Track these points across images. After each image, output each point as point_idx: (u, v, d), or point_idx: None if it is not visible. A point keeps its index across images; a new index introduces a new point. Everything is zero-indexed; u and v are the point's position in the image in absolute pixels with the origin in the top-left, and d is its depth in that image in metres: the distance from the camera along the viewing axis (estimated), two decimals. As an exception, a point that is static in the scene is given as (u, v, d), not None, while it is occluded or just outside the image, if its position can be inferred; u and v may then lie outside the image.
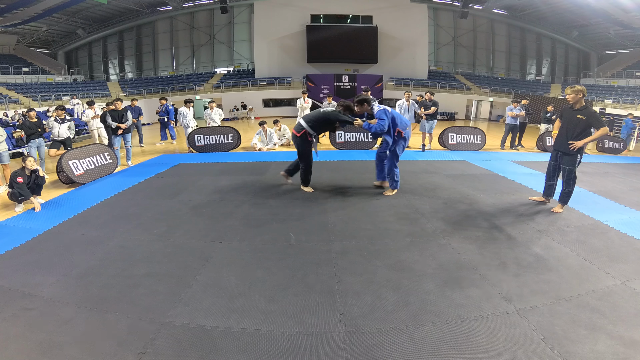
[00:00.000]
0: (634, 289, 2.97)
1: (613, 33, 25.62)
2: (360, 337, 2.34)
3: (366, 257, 3.43)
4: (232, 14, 25.45)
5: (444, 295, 2.82)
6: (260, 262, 3.32)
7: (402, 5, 24.12)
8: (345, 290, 2.87)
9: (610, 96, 22.31)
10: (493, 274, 3.16)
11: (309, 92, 21.66)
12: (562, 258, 3.51)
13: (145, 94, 21.90)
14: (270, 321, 2.49)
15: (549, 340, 2.33)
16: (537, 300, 2.78)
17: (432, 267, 3.27)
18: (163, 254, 3.47)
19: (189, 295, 2.78)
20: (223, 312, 2.58)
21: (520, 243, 3.83)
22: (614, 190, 6.27)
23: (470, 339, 2.34)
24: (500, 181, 6.42)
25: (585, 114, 4.54)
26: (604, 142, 12.14)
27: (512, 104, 10.30)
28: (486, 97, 24.71)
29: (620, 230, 4.27)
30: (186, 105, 9.80)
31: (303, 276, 3.07)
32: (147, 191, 5.65)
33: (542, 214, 4.75)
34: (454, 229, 4.14)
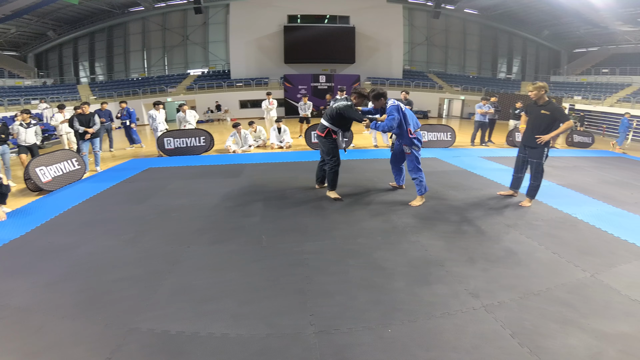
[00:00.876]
0: (603, 281, 3.02)
1: (583, 32, 26.57)
2: (330, 338, 2.31)
3: (339, 256, 3.40)
4: (206, 15, 25.05)
5: (413, 293, 2.82)
6: (232, 265, 3.25)
7: (379, 5, 24.33)
8: (316, 291, 2.83)
9: (580, 92, 23.12)
10: (460, 270, 3.17)
11: (286, 92, 21.86)
12: (531, 252, 3.54)
13: (116, 97, 21.23)
14: (240, 324, 2.44)
15: (518, 336, 2.33)
16: (505, 295, 2.78)
17: (402, 264, 3.26)
18: (132, 259, 3.40)
19: (155, 301, 2.72)
20: (190, 316, 2.53)
21: (488, 238, 3.86)
22: (583, 183, 6.44)
23: (438, 336, 2.33)
24: (470, 177, 6.53)
25: (549, 109, 4.71)
26: (573, 137, 12.54)
27: (481, 101, 10.51)
28: (458, 95, 25.28)
29: (589, 223, 4.37)
30: (155, 107, 9.49)
31: (275, 278, 3.02)
32: (116, 197, 5.50)
33: (510, 209, 4.83)
34: (423, 226, 4.16)
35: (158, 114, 9.35)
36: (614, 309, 2.65)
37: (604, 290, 2.88)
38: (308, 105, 11.73)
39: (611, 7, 20.11)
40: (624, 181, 6.87)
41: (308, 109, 11.73)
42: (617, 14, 21.07)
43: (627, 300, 2.75)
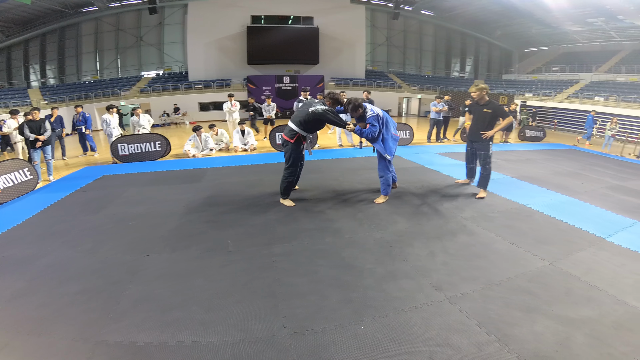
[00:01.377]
0: (562, 269, 3.15)
1: (534, 32, 28.16)
2: (304, 339, 2.29)
3: (308, 257, 3.37)
4: (162, 15, 24.17)
5: (382, 289, 2.85)
6: (197, 271, 3.14)
7: (342, 6, 24.54)
8: (287, 292, 2.79)
9: (531, 90, 24.47)
10: (423, 264, 3.24)
11: (249, 94, 21.54)
12: (489, 244, 3.66)
13: (67, 101, 20.04)
14: (211, 331, 2.36)
15: (484, 325, 2.39)
16: (467, 286, 2.85)
17: (370, 262, 3.29)
18: (92, 270, 3.24)
19: (119, 312, 2.62)
20: (157, 326, 2.43)
21: (448, 232, 3.96)
22: (536, 175, 6.78)
23: (408, 330, 2.37)
24: (428, 173, 6.72)
25: (491, 107, 5.19)
26: (525, 132, 13.22)
27: (435, 99, 10.89)
28: (415, 94, 26.08)
29: (544, 213, 4.58)
30: (108, 111, 8.97)
31: (245, 282, 2.95)
32: (72, 207, 5.19)
33: (467, 202, 4.99)
34: (387, 223, 4.22)
35: (112, 118, 8.85)
36: (576, 295, 2.76)
37: (564, 278, 3.01)
38: (272, 107, 11.54)
39: (562, 8, 21.42)
40: (575, 172, 7.31)
41: (272, 110, 11.54)
42: (568, 14, 22.50)
43: (587, 286, 2.88)
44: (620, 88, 20.23)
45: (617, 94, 19.40)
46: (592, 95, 20.68)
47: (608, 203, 5.20)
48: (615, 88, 20.50)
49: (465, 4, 25.33)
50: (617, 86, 20.73)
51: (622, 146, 12.08)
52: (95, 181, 6.61)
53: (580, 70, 24.38)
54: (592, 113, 13.51)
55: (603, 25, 23.54)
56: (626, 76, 21.40)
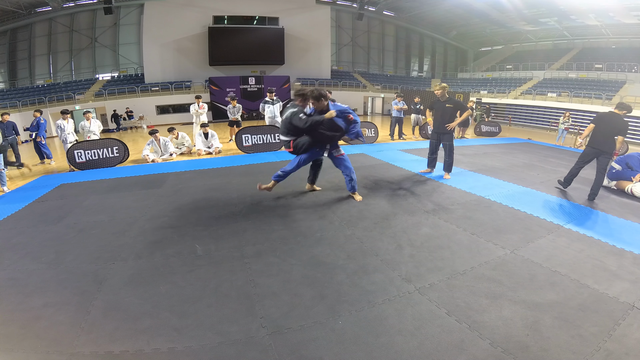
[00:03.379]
0: (524, 256, 3.31)
1: (489, 32, 29.44)
2: (284, 338, 2.30)
3: (280, 257, 3.37)
4: (117, 15, 23.17)
5: (355, 283, 2.90)
6: (164, 277, 3.05)
7: (308, 6, 24.58)
8: (262, 293, 2.78)
9: (486, 87, 25.58)
10: (392, 257, 3.33)
11: (213, 95, 21.10)
12: (450, 235, 3.79)
13: (20, 106, 18.82)
14: (186, 336, 2.32)
15: (453, 314, 2.49)
16: (434, 277, 2.96)
17: (341, 258, 3.33)
18: (56, 281, 3.09)
19: (89, 322, 2.52)
20: (129, 334, 2.36)
21: (412, 225, 4.09)
22: (493, 167, 7.10)
23: (383, 322, 2.43)
24: (392, 169, 6.90)
25: (452, 103, 6.06)
26: (481, 127, 13.83)
27: (397, 98, 11.22)
28: (378, 93, 26.68)
29: (502, 203, 4.80)
30: (63, 116, 8.51)
31: (216, 286, 2.90)
32: (30, 218, 4.90)
33: (429, 196, 5.17)
34: (357, 219, 4.29)
35: (66, 124, 8.40)
36: (539, 280, 2.90)
37: (526, 265, 3.15)
38: (237, 109, 11.21)
39: (517, 8, 22.49)
40: (530, 163, 7.73)
41: (237, 112, 11.24)
42: (522, 14, 23.66)
43: (549, 272, 3.04)
44: (572, 84, 21.59)
45: (569, 90, 20.64)
46: (545, 91, 21.93)
47: (563, 192, 5.54)
48: (567, 84, 21.83)
49: (424, 5, 26.12)
50: (569, 83, 22.10)
51: (575, 138, 12.90)
52: (52, 190, 6.27)
53: (533, 68, 25.75)
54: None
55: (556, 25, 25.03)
56: (577, 73, 22.87)
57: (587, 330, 2.31)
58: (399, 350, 2.18)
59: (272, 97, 9.87)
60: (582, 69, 22.98)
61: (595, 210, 4.70)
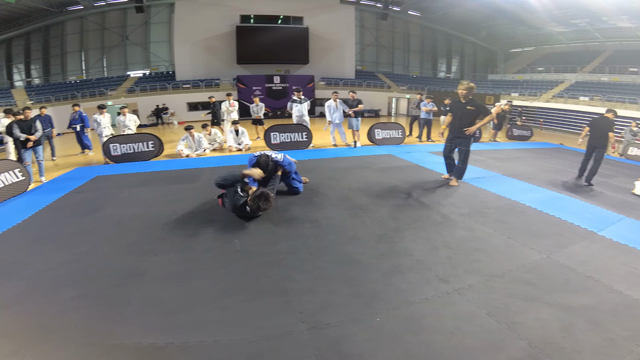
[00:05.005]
0: (558, 261, 3.30)
1: (519, 33, 28.72)
2: (323, 333, 2.32)
3: (314, 254, 3.40)
4: (148, 14, 23.90)
5: (390, 282, 2.91)
6: (204, 271, 3.12)
7: (332, 6, 24.69)
8: (298, 289, 2.82)
9: (517, 90, 24.94)
10: (427, 258, 3.33)
11: (240, 93, 21.43)
12: (486, 238, 3.78)
13: (54, 101, 19.66)
14: (227, 330, 2.36)
15: (493, 314, 2.49)
16: (472, 279, 2.96)
17: (375, 257, 3.35)
18: (93, 273, 3.14)
19: (131, 314, 2.55)
20: (173, 326, 2.40)
21: (446, 227, 4.08)
22: (526, 172, 6.96)
23: (421, 321, 2.44)
24: (423, 171, 6.84)
25: (474, 105, 5.53)
26: (513, 131, 13.52)
27: (425, 99, 11.04)
28: (403, 94, 26.35)
29: (537, 208, 4.73)
30: (99, 111, 8.86)
31: (254, 280, 2.95)
32: (66, 209, 5.04)
33: (463, 199, 5.10)
34: (389, 220, 4.29)
35: (103, 118, 8.74)
36: (573, 284, 2.91)
37: (561, 269, 3.15)
38: (260, 107, 11.35)
39: (547, 9, 21.89)
40: (561, 169, 7.54)
41: (260, 110, 11.38)
42: (552, 15, 23.01)
43: (583, 277, 3.03)
44: (604, 88, 20.79)
45: (602, 94, 19.91)
46: (577, 95, 21.22)
47: (595, 199, 5.42)
48: (599, 88, 21.04)
49: (451, 5, 25.73)
50: (601, 86, 21.30)
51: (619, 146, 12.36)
52: (88, 182, 6.47)
53: (564, 70, 24.97)
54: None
55: (587, 27, 24.21)
56: (609, 76, 22.04)
57: (619, 335, 2.33)
58: (439, 347, 2.19)
59: (300, 96, 9.95)
60: (615, 72, 22.14)
61: (629, 218, 4.61)
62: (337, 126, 9.78)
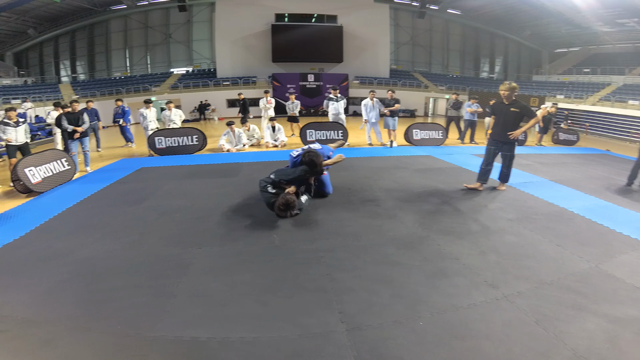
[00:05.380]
0: (607, 271, 3.16)
1: (564, 32, 27.33)
2: (363, 334, 2.30)
3: (354, 253, 3.39)
4: (190, 13, 24.71)
5: (434, 286, 2.86)
6: (245, 265, 3.17)
7: (366, 5, 24.48)
8: (338, 288, 2.81)
9: (562, 92, 23.76)
10: (475, 262, 3.24)
11: (275, 91, 21.71)
12: (535, 244, 3.67)
13: (99, 96, 20.71)
14: (268, 327, 2.37)
15: (542, 322, 2.42)
16: (521, 285, 2.88)
17: (417, 259, 3.30)
18: (138, 263, 3.22)
19: (174, 306, 2.58)
20: (215, 321, 2.43)
21: (494, 232, 3.96)
22: (573, 179, 6.65)
23: (469, 326, 2.38)
24: (465, 174, 6.62)
25: (518, 107, 5.19)
26: (559, 135, 12.90)
27: (470, 100, 10.70)
28: (442, 94, 25.60)
29: (585, 216, 4.52)
30: (146, 105, 9.28)
31: (293, 277, 2.98)
32: (111, 198, 5.26)
33: (510, 204, 4.94)
34: (431, 222, 4.21)
35: (149, 112, 9.15)
36: (621, 295, 2.78)
37: (609, 279, 3.02)
38: (296, 104, 11.46)
39: (592, 9, 20.74)
40: (609, 176, 7.13)
41: (295, 107, 11.48)
42: (598, 15, 21.78)
43: (632, 288, 2.89)
44: (656, 92, 19.43)
45: (653, 98, 18.64)
46: (625, 98, 19.93)
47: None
48: (649, 91, 19.69)
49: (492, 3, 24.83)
50: (651, 89, 19.92)
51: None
52: (133, 173, 6.77)
53: (612, 72, 23.52)
54: None
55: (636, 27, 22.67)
56: (661, 79, 20.54)
57: (666, 349, 2.21)
58: (486, 354, 2.13)
59: (337, 94, 9.97)
60: (667, 75, 20.61)
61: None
62: (373, 125, 9.69)
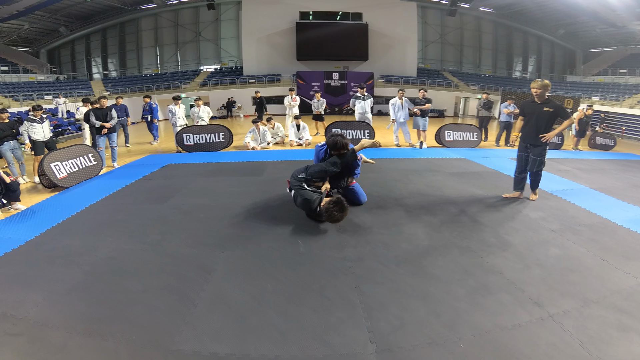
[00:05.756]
0: (656, 289, 2.88)
1: (599, 31, 26.10)
2: (395, 357, 2.11)
3: (384, 264, 3.18)
4: (218, 11, 25.05)
5: (476, 302, 2.64)
6: (269, 273, 3.01)
7: (392, 2, 24.07)
8: (368, 303, 2.61)
9: (597, 93, 22.65)
10: (519, 277, 3.01)
11: (299, 89, 21.68)
12: (580, 258, 3.41)
13: (129, 93, 21.27)
14: (291, 343, 2.22)
15: (586, 345, 2.23)
16: (567, 303, 2.66)
17: (457, 272, 3.07)
18: (159, 265, 3.12)
19: (194, 316, 2.45)
20: (235, 334, 2.28)
21: (537, 243, 3.70)
22: (613, 187, 6.24)
23: (513, 349, 2.19)
24: (503, 179, 6.28)
25: (552, 106, 4.69)
26: (595, 139, 12.27)
27: (507, 101, 10.25)
28: (474, 94, 24.77)
29: (630, 228, 4.21)
30: (175, 102, 9.35)
31: (319, 288, 2.79)
32: (136, 195, 5.24)
33: (552, 213, 4.64)
34: (471, 231, 3.95)
35: (177, 109, 9.23)
36: (671, 316, 2.53)
37: (658, 298, 2.76)
38: (321, 102, 11.31)
39: (628, 7, 19.67)
40: (653, 185, 6.67)
41: (321, 106, 11.33)
42: (635, 13, 20.62)
43: (682, 307, 2.62)
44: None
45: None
46: (665, 101, 18.82)
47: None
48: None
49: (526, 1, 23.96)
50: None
51: None
52: (159, 169, 6.80)
53: (650, 73, 22.22)
54: None
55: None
56: (703, 81, 19.21)
57: None
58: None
59: (364, 93, 9.78)
60: None
61: None
62: (401, 125, 9.40)
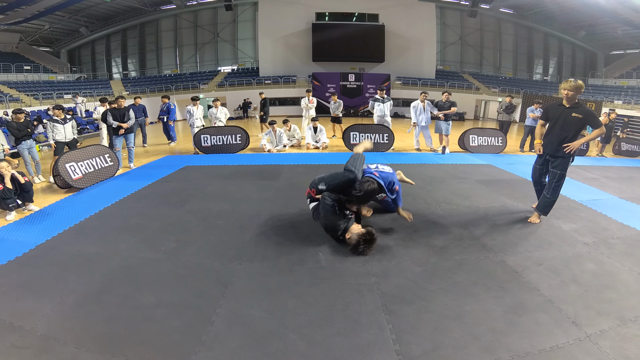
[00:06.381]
0: (694, 308, 2.62)
1: (621, 33, 25.24)
2: None
3: (413, 280, 2.94)
4: (236, 12, 25.15)
5: (513, 322, 2.43)
6: (289, 288, 2.80)
7: (409, 3, 23.74)
8: (397, 324, 2.39)
9: (620, 97, 21.84)
10: (555, 294, 2.78)
11: (314, 90, 21.51)
12: (615, 273, 3.18)
13: (148, 93, 21.47)
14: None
15: (624, 367, 2.01)
16: (604, 322, 2.46)
17: (493, 289, 2.83)
18: (174, 277, 2.95)
19: (211, 335, 2.28)
20: (256, 357, 2.10)
21: (572, 258, 3.45)
22: (644, 196, 5.87)
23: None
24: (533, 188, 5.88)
25: (582, 112, 3.94)
26: (620, 145, 11.72)
27: (533, 105, 9.81)
28: (495, 97, 24.12)
29: (666, 241, 3.89)
30: (193, 102, 9.26)
31: (343, 307, 2.58)
32: (152, 198, 5.10)
33: (585, 225, 4.34)
34: (504, 244, 3.69)
35: (195, 109, 9.13)
36: None
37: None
38: (338, 104, 11.13)
39: None
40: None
41: (338, 108, 11.14)
42: None
43: None
44: None
45: None
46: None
47: None
48: None
49: (546, 1, 23.31)
50: None
51: None
52: (177, 171, 6.69)
53: (674, 76, 21.27)
54: None
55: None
56: None
57: None
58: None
59: (383, 95, 9.51)
60: None
61: None
62: (422, 129, 9.06)
